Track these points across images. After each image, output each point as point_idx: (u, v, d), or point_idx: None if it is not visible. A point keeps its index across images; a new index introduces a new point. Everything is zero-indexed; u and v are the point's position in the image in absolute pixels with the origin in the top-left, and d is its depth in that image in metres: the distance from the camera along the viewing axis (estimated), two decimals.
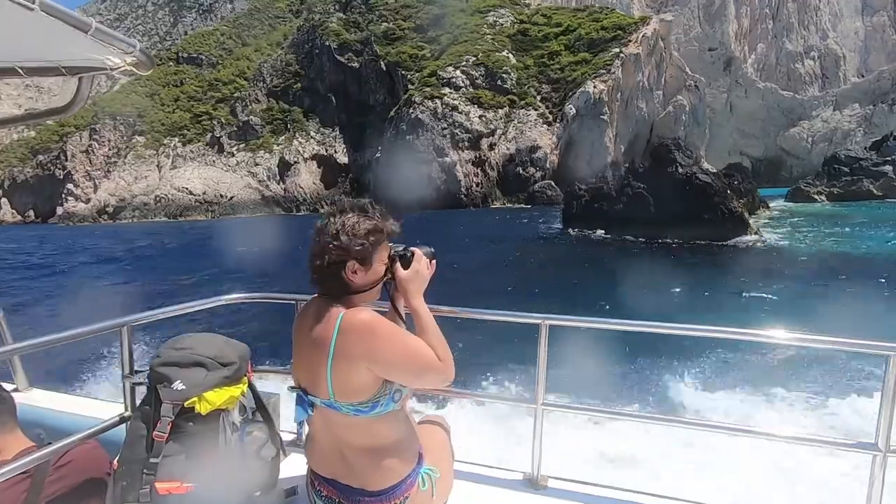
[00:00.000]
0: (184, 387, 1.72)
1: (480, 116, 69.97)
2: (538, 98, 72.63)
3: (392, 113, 76.84)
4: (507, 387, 6.86)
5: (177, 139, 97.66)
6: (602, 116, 62.61)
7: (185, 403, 1.71)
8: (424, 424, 1.99)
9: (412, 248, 1.79)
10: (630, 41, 67.56)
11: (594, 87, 64.06)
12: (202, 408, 1.71)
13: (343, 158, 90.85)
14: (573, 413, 2.78)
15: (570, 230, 30.26)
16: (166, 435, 1.68)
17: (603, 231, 27.61)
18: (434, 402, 5.62)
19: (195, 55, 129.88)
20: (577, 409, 2.52)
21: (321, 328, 1.61)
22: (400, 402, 1.68)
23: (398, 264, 1.76)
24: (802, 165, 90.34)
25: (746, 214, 25.23)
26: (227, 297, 2.61)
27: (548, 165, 63.98)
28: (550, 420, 2.19)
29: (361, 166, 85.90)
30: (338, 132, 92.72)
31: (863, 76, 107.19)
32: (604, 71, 65.39)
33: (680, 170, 24.97)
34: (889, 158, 46.77)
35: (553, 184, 59.54)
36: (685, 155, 26.64)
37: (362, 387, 1.60)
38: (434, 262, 1.86)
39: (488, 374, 7.24)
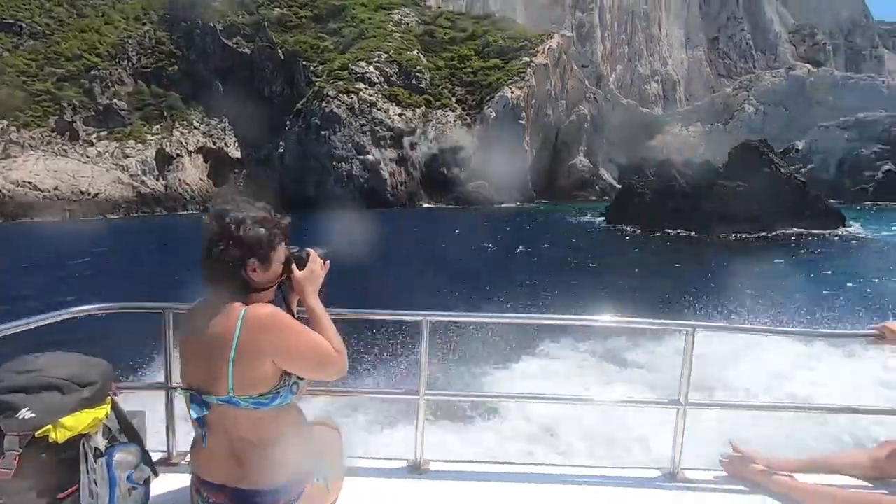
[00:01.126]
0: (33, 414, 1.53)
1: (400, 115, 69.11)
2: (453, 99, 74.08)
3: (299, 105, 71.89)
4: (394, 382, 6.90)
5: (6, 122, 78.93)
6: (521, 121, 66.24)
7: (37, 433, 1.53)
8: (316, 426, 2.02)
9: (307, 249, 1.87)
10: (538, 52, 72.48)
11: (511, 92, 67.45)
12: (58, 436, 1.54)
13: (235, 152, 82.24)
14: (456, 399, 2.79)
15: (630, 228, 30.71)
16: (12, 471, 1.49)
17: (681, 230, 28.22)
18: (323, 403, 5.49)
19: (11, 21, 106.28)
20: (458, 396, 2.49)
21: (220, 325, 1.62)
22: (298, 394, 1.74)
23: (294, 265, 1.82)
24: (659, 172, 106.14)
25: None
26: (77, 308, 2.30)
27: (472, 166, 65.66)
28: (439, 409, 2.37)
29: (258, 161, 78.82)
30: (227, 123, 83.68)
31: (687, 100, 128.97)
32: (518, 78, 69.20)
33: (782, 170, 26.86)
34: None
35: (487, 184, 61.31)
36: (776, 155, 28.66)
37: (263, 379, 1.64)
38: (328, 262, 1.91)
39: (372, 370, 7.38)
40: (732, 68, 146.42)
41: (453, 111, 72.01)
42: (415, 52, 78.01)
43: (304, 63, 78.66)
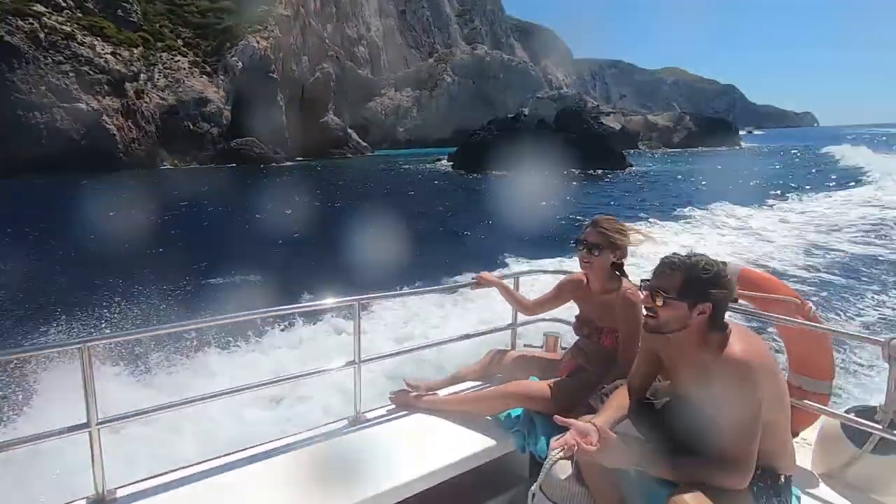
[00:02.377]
0: None
1: (113, 53, 55.46)
2: (180, 42, 63.50)
3: None
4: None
5: None
6: (272, 74, 62.69)
7: None
8: None
9: None
10: (278, 1, 68.34)
11: (258, 42, 62.57)
12: None
13: None
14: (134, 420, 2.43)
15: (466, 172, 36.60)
16: None
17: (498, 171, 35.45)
18: None
19: None
20: (134, 416, 2.04)
21: None
22: None
23: None
24: (381, 133, 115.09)
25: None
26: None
27: (224, 121, 59.11)
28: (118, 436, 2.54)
29: None
30: None
31: (388, 66, 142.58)
32: (261, 27, 64.26)
33: (595, 126, 37.33)
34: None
35: (258, 140, 56.37)
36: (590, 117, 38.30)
37: None
38: None
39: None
40: (419, 40, 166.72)
41: (184, 56, 62.08)
42: None
43: None
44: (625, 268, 2.35)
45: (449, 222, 20.65)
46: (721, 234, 15.61)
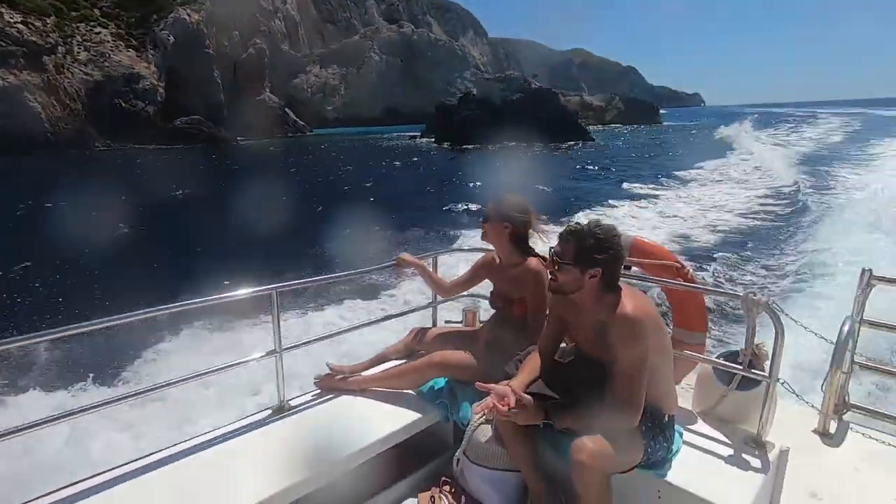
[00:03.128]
0: None
1: (25, 23, 50.13)
2: (97, 12, 58.37)
3: None
4: None
5: None
6: (207, 50, 59.93)
7: None
8: None
9: None
10: None
11: (189, 15, 59.25)
12: None
13: None
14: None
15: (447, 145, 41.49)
16: None
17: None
18: None
19: None
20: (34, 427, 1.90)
21: None
22: None
23: None
24: (309, 112, 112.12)
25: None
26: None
27: (159, 99, 55.90)
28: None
29: None
30: None
31: (307, 42, 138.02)
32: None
33: (562, 102, 42.56)
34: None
35: (204, 119, 53.87)
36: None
37: None
38: None
39: None
40: (335, 15, 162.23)
41: (104, 27, 57.34)
42: None
43: None
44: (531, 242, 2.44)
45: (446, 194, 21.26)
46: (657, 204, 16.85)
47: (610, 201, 17.57)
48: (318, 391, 2.52)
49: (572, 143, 45.43)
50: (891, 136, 35.27)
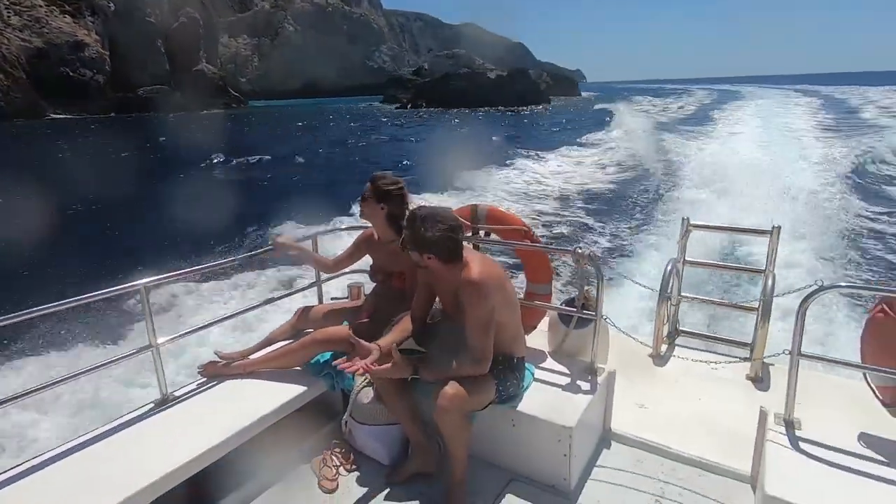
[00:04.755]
0: None
1: None
2: None
3: None
4: None
5: None
6: (149, 19, 59.34)
7: None
8: None
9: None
10: None
11: None
12: None
13: None
14: None
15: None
16: None
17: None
18: None
19: None
20: None
21: None
22: None
23: None
24: (226, 80, 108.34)
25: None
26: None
27: (107, 68, 54.96)
28: None
29: None
30: None
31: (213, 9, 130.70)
32: None
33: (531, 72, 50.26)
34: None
35: (167, 88, 53.92)
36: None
37: None
38: None
39: None
40: None
41: None
42: None
43: None
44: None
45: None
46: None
47: (508, 163, 18.35)
48: (203, 380, 2.49)
49: (535, 105, 55.80)
50: (729, 107, 40.33)
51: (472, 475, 2.12)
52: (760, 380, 2.86)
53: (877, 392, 2.32)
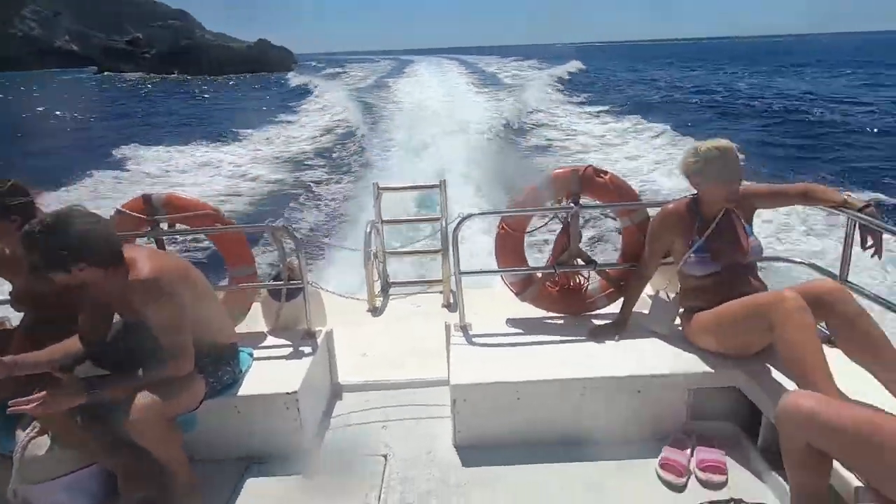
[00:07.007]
0: None
1: None
2: None
3: None
4: None
5: None
6: None
7: None
8: None
9: None
10: None
11: None
12: None
13: None
14: None
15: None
16: None
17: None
18: None
19: None
20: None
21: None
22: None
23: None
24: None
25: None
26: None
27: None
28: None
29: None
30: None
31: None
32: None
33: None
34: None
35: None
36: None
37: None
38: None
39: None
40: None
41: None
42: None
43: None
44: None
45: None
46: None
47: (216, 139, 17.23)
48: None
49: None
50: (407, 72, 48.00)
51: (206, 477, 2.02)
52: (451, 305, 3.42)
53: (510, 287, 2.77)
